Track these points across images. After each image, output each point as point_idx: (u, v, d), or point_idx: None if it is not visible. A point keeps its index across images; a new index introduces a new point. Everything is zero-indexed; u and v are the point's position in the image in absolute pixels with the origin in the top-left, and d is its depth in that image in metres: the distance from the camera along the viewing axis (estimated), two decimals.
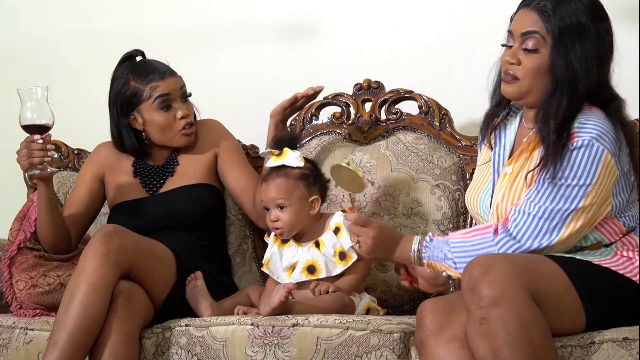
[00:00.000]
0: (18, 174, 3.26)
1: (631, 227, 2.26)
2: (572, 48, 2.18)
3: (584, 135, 2.15)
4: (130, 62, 2.91)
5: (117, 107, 2.87)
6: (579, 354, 2.12)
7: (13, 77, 3.77)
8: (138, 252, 2.50)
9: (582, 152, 2.14)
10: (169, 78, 2.85)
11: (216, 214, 2.93)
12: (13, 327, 2.65)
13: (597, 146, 2.14)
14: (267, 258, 2.73)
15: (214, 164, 2.94)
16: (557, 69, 2.19)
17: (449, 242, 2.24)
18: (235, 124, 3.14)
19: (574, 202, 2.15)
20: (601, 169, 2.14)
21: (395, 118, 3.02)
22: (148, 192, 2.89)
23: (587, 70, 2.18)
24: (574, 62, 2.18)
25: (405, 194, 2.89)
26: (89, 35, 3.66)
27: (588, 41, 2.18)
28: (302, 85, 3.00)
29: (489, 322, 2.00)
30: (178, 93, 2.86)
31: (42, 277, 2.79)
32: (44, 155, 2.64)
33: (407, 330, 2.31)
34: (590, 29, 2.18)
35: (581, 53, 2.18)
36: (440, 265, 2.26)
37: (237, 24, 3.50)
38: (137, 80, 2.84)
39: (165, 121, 2.85)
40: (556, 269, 2.12)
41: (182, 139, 2.89)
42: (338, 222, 2.65)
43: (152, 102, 2.83)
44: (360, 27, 3.37)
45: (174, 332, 2.49)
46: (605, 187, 2.16)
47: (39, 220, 2.83)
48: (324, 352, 2.33)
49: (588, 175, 2.14)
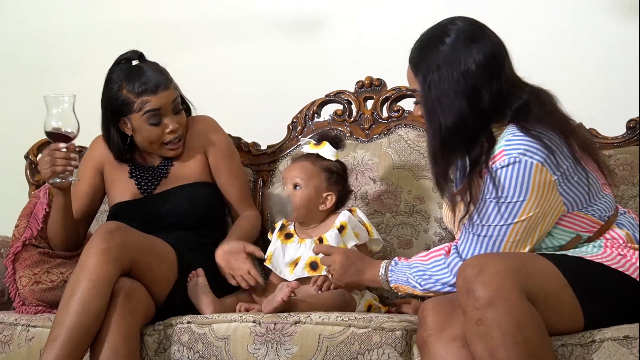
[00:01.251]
0: (19, 170, 3.27)
1: (607, 217, 2.26)
2: (432, 93, 2.22)
3: (511, 152, 2.16)
4: (126, 65, 2.84)
5: (108, 110, 2.83)
6: (579, 352, 2.11)
7: (13, 72, 3.78)
8: (139, 249, 2.50)
9: (510, 169, 2.15)
10: (161, 92, 2.78)
11: (215, 211, 2.92)
12: (15, 324, 2.65)
13: (525, 160, 2.15)
14: (270, 253, 2.74)
15: (206, 161, 2.93)
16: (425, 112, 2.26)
17: (411, 265, 2.32)
18: (237, 120, 3.14)
19: (510, 217, 2.17)
20: (534, 182, 2.15)
21: (397, 115, 3.02)
22: (142, 193, 2.88)
23: (449, 105, 2.20)
24: (434, 102, 2.22)
25: (407, 191, 2.89)
26: (89, 30, 3.66)
27: (452, 82, 2.20)
28: (305, 83, 3.00)
29: (485, 323, 2.01)
30: (169, 107, 2.81)
31: (46, 274, 2.80)
32: (67, 164, 2.60)
33: (409, 328, 2.31)
34: (456, 67, 2.20)
35: (447, 93, 2.21)
36: (405, 288, 2.33)
37: (239, 21, 3.50)
38: (129, 89, 2.78)
39: (154, 134, 2.82)
40: (550, 267, 2.12)
41: (169, 152, 2.87)
42: (344, 220, 2.66)
43: (141, 115, 2.79)
44: (362, 25, 3.37)
45: (175, 329, 2.49)
46: (544, 196, 2.17)
47: (52, 225, 2.83)
48: (326, 349, 2.33)
49: (521, 191, 2.15)
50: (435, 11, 3.25)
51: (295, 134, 3.11)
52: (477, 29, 2.25)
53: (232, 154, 2.96)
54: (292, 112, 3.12)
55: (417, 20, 3.26)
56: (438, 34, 2.26)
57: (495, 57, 2.22)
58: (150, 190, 2.88)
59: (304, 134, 3.09)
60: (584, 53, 3.04)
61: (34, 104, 3.30)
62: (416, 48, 2.29)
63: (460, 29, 2.24)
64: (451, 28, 2.25)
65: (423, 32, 2.31)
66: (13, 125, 3.71)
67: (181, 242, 2.71)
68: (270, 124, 3.27)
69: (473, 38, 2.23)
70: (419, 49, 2.28)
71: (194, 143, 2.91)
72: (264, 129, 3.04)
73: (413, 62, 2.28)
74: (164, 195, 2.86)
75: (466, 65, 2.20)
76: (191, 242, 2.78)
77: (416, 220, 2.87)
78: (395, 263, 2.36)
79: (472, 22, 2.27)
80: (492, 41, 2.24)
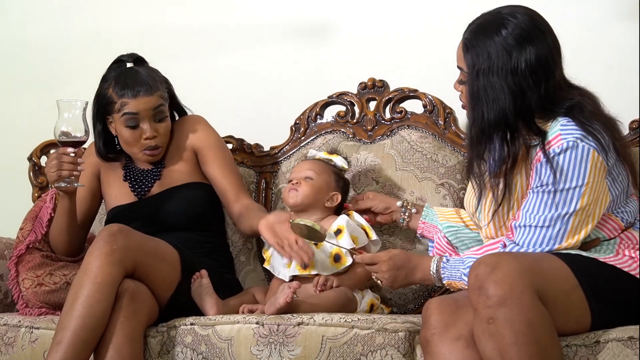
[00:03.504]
0: (22, 172, 3.27)
1: (630, 223, 2.26)
2: (485, 82, 2.22)
3: (567, 137, 2.16)
4: (119, 67, 2.87)
5: (95, 106, 2.86)
6: (584, 353, 2.11)
7: (17, 75, 3.78)
8: (142, 251, 2.50)
9: (568, 155, 2.15)
10: (142, 97, 2.78)
11: (213, 211, 2.91)
12: (19, 326, 2.65)
13: (583, 146, 2.15)
14: (269, 255, 2.75)
15: (196, 160, 2.93)
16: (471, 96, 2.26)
17: (464, 260, 2.27)
18: (240, 122, 3.15)
19: (572, 205, 2.16)
20: (591, 167, 2.15)
21: (400, 117, 3.02)
22: (137, 196, 2.89)
23: (496, 98, 2.20)
24: (480, 91, 2.23)
25: (410, 192, 2.89)
26: (94, 34, 3.66)
27: (501, 76, 2.20)
28: (307, 84, 3.00)
29: (497, 322, 2.00)
30: (149, 113, 2.80)
31: (49, 276, 2.80)
32: (74, 169, 2.61)
33: (412, 329, 2.31)
34: (506, 63, 2.20)
35: (494, 85, 2.21)
36: (459, 283, 2.29)
37: (241, 25, 3.50)
38: (115, 89, 2.80)
39: (130, 138, 2.82)
40: (562, 267, 2.12)
41: (145, 158, 2.87)
42: (341, 224, 2.66)
43: (120, 116, 2.80)
44: (364, 27, 3.37)
45: (179, 330, 2.49)
46: (598, 184, 2.17)
47: (55, 229, 2.84)
48: (329, 350, 2.33)
49: (579, 176, 2.15)
50: (438, 13, 3.27)
51: (298, 135, 3.11)
52: (535, 28, 2.23)
53: (221, 147, 2.95)
54: (295, 113, 3.12)
55: (420, 22, 3.29)
56: (496, 22, 2.24)
57: (548, 61, 2.22)
58: (145, 193, 2.88)
59: (306, 135, 3.09)
60: (587, 54, 3.04)
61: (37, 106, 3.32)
62: (471, 30, 2.27)
63: (519, 24, 2.22)
64: (510, 21, 2.23)
65: (482, 13, 2.29)
66: (16, 128, 3.71)
67: (181, 242, 2.71)
68: (273, 126, 3.27)
69: (529, 37, 2.21)
70: (474, 31, 2.26)
71: (182, 143, 2.92)
72: (266, 131, 3.04)
73: (465, 42, 2.27)
74: (160, 197, 2.86)
75: (517, 63, 2.20)
76: (191, 242, 2.78)
77: None
78: (447, 260, 2.31)
79: (532, 20, 2.24)
80: (548, 44, 2.23)
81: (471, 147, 2.28)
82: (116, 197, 2.90)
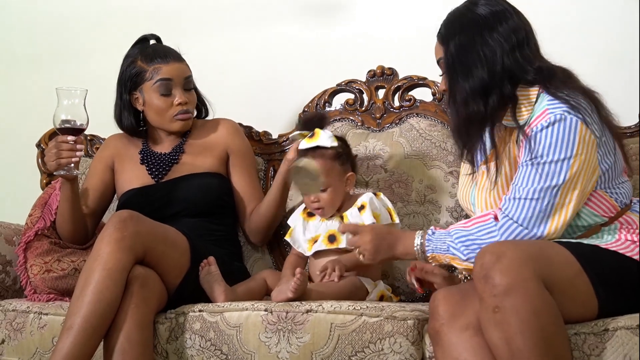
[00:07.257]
0: (31, 158, 3.27)
1: (624, 204, 2.27)
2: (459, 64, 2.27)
3: (555, 110, 2.17)
4: (143, 44, 2.94)
5: (122, 84, 2.91)
6: (592, 341, 2.11)
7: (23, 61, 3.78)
8: (152, 238, 2.51)
9: (557, 127, 2.16)
10: (173, 63, 2.87)
11: (225, 200, 2.93)
12: (27, 312, 2.66)
13: (571, 118, 2.16)
14: (291, 228, 2.77)
15: (225, 159, 2.96)
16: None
17: (451, 233, 2.26)
18: (248, 109, 3.14)
19: (560, 176, 2.17)
20: (579, 139, 2.16)
21: (409, 105, 3.01)
22: (154, 179, 2.90)
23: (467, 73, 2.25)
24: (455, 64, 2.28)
25: (419, 180, 2.89)
26: (100, 17, 3.67)
27: (477, 44, 2.25)
28: (316, 72, 2.99)
29: (503, 310, 2.01)
30: (180, 80, 2.87)
31: (57, 262, 2.80)
32: (72, 156, 2.63)
33: (420, 317, 2.32)
34: (470, 33, 2.26)
35: (468, 54, 2.26)
36: (444, 257, 2.27)
37: (250, 6, 3.50)
38: (143, 60, 2.88)
39: (163, 105, 2.87)
40: (566, 254, 2.12)
41: (177, 124, 2.90)
42: (364, 201, 2.67)
43: (152, 84, 2.86)
44: (374, 14, 3.36)
45: (187, 317, 2.50)
46: (587, 155, 2.18)
47: (59, 216, 2.85)
48: (338, 338, 2.34)
49: (567, 147, 2.16)
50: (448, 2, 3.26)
51: None
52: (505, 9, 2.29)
53: (251, 156, 3.02)
54: (304, 101, 3.12)
55: (429, 9, 3.28)
56: (465, 6, 2.32)
57: (519, 28, 2.26)
58: (162, 176, 2.89)
59: None
60: (598, 41, 3.03)
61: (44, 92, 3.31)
62: (443, 23, 2.34)
63: (489, 3, 2.29)
64: (481, 5, 2.30)
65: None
66: (25, 114, 3.71)
67: (191, 229, 2.72)
68: (282, 113, 3.27)
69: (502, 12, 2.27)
70: (446, 23, 2.33)
71: (215, 140, 2.95)
72: (275, 118, 3.04)
73: (440, 34, 2.33)
74: (175, 182, 2.87)
75: (490, 30, 2.24)
76: (201, 229, 2.79)
77: (427, 209, 2.87)
78: (432, 232, 2.30)
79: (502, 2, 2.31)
80: (520, 19, 2.28)
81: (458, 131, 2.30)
82: (130, 181, 2.92)
